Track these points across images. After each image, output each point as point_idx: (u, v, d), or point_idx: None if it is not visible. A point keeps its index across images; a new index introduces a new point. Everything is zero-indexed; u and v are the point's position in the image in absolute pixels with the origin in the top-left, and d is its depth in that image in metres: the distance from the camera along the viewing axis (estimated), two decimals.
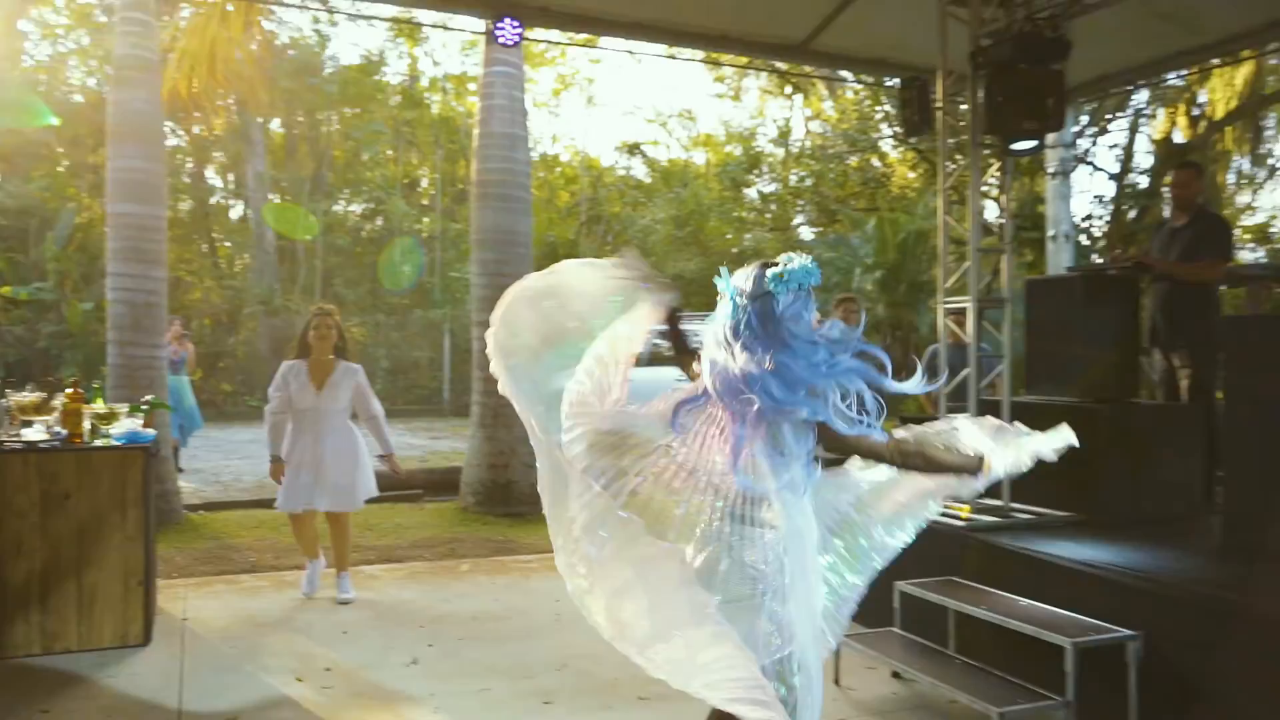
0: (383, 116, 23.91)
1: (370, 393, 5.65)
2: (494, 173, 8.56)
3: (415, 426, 17.19)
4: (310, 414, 5.46)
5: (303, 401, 5.46)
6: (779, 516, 2.36)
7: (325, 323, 5.56)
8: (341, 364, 5.57)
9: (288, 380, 5.49)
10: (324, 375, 5.50)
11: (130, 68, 7.73)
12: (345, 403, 5.54)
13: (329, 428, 5.48)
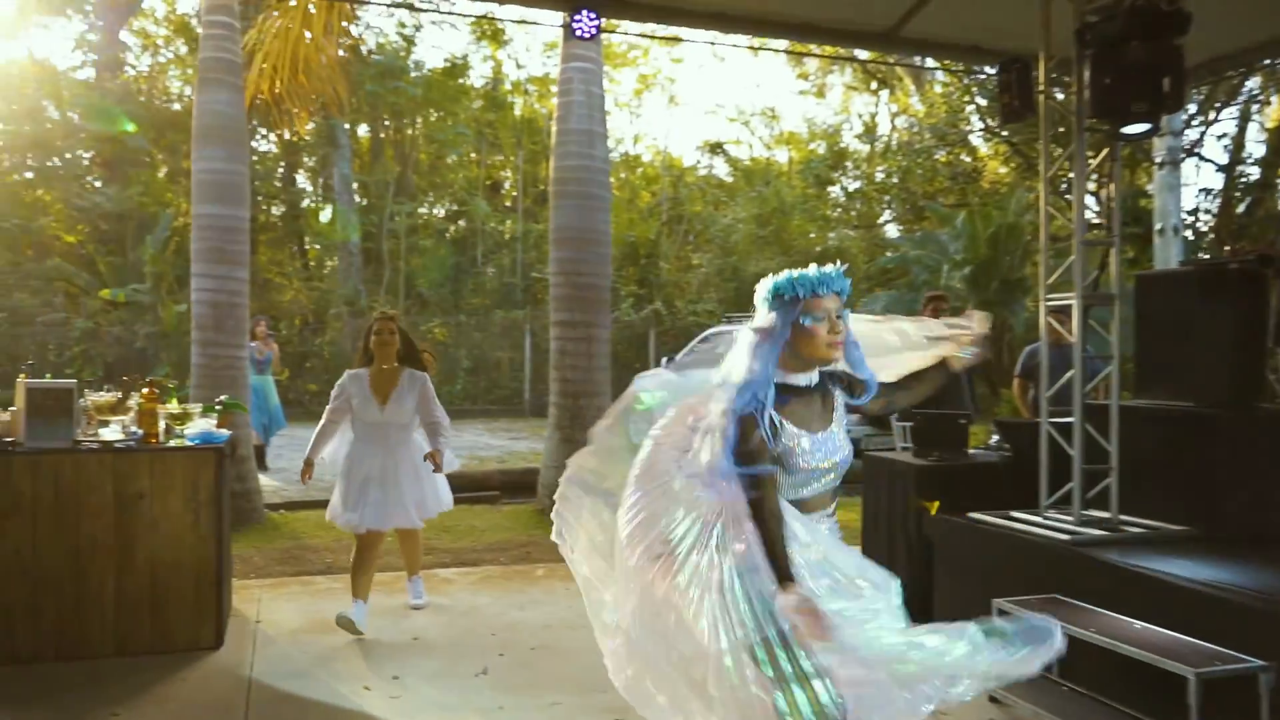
0: (466, 119, 24.11)
1: (435, 401, 5.18)
2: (572, 170, 8.42)
3: (495, 427, 17.21)
4: (376, 429, 5.09)
5: (367, 415, 5.08)
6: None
7: (387, 328, 5.15)
8: (406, 373, 5.15)
9: (348, 391, 5.10)
10: (388, 387, 5.10)
11: (214, 70, 7.80)
12: (410, 415, 5.15)
13: (397, 441, 5.12)
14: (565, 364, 8.43)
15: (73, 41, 23.29)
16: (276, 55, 8.85)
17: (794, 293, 2.43)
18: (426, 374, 5.23)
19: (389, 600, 5.63)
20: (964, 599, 4.65)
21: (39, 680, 4.27)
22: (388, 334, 5.13)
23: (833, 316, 2.43)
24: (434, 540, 7.39)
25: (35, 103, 20.70)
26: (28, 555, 4.43)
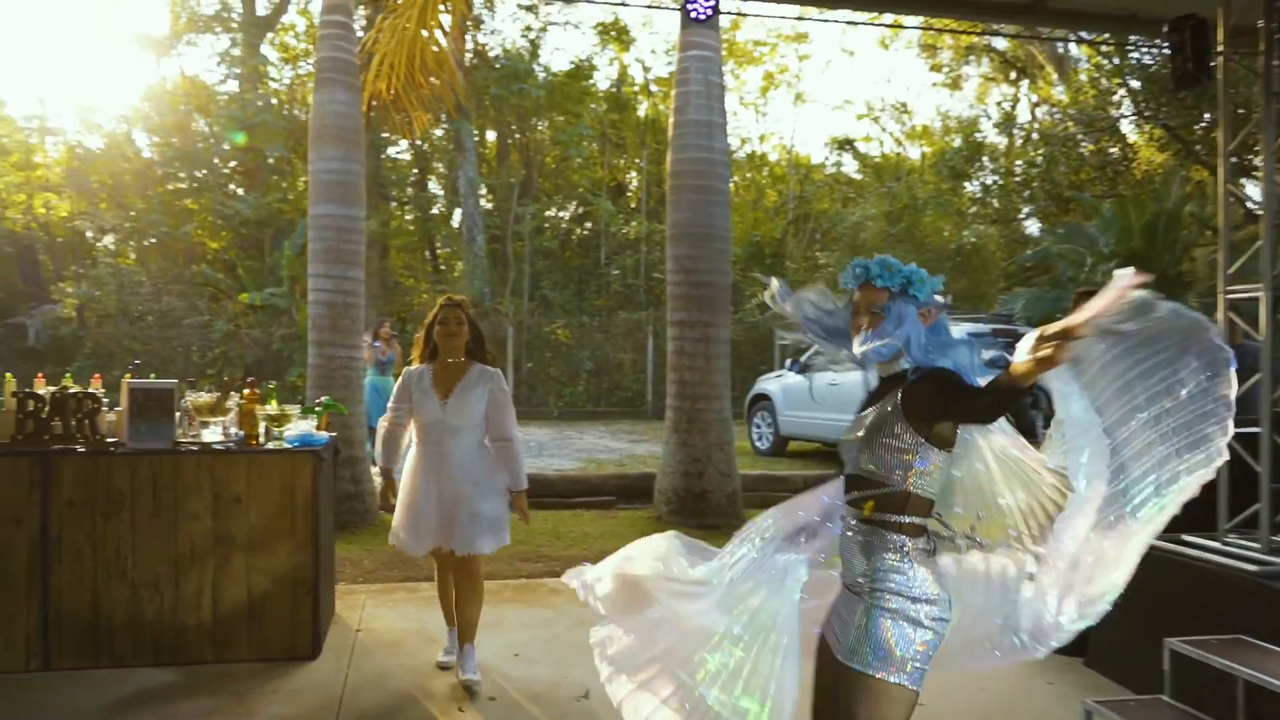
0: (590, 121, 24.08)
1: (508, 408, 4.35)
2: (690, 162, 8.06)
3: (616, 429, 17.01)
4: (434, 430, 4.26)
5: (425, 413, 4.28)
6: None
7: (453, 316, 4.35)
8: (475, 368, 4.34)
9: (409, 388, 4.36)
10: (452, 381, 4.30)
11: (330, 70, 7.77)
12: (478, 416, 4.28)
13: (456, 446, 4.24)
14: (683, 365, 8.07)
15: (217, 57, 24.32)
16: (393, 54, 8.78)
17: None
18: (499, 370, 4.45)
19: (493, 611, 5.36)
20: (1126, 637, 4.07)
21: (138, 684, 4.19)
22: (455, 324, 4.36)
23: (861, 308, 2.40)
24: (544, 547, 7.16)
25: (185, 117, 21.70)
26: (127, 557, 4.36)
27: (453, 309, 4.38)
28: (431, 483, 4.24)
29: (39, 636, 4.29)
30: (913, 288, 2.34)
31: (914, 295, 2.34)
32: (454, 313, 4.37)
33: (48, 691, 4.12)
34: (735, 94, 28.26)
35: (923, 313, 2.34)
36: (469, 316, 4.42)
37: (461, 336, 4.35)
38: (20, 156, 18.56)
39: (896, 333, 2.32)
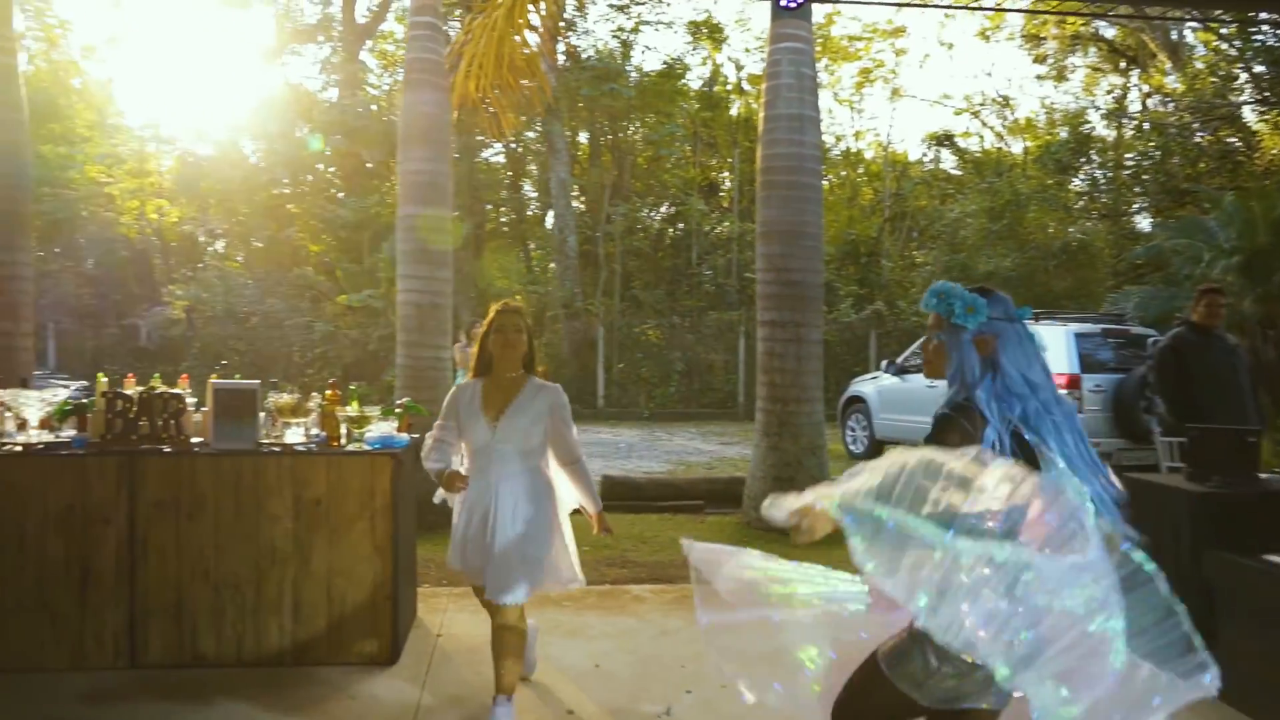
0: (682, 120, 23.94)
1: (570, 426, 3.82)
2: (780, 158, 7.83)
3: (707, 431, 16.82)
4: (482, 456, 3.71)
5: (473, 437, 3.72)
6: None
7: (511, 324, 3.78)
8: (531, 383, 3.79)
9: (457, 406, 3.80)
10: (504, 399, 3.74)
11: (419, 70, 7.79)
12: (534, 440, 3.73)
13: (504, 474, 3.68)
14: (773, 366, 7.84)
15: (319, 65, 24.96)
16: (482, 55, 8.78)
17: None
18: (558, 386, 3.88)
19: (574, 619, 5.27)
20: (1260, 662, 3.71)
21: (220, 684, 4.19)
22: (513, 331, 3.77)
23: (928, 331, 2.44)
24: (630, 553, 7.02)
25: (288, 124, 22.34)
26: (210, 557, 4.37)
27: (511, 315, 3.82)
28: (475, 515, 3.71)
29: (126, 634, 4.34)
30: (954, 317, 2.32)
31: (959, 324, 2.32)
32: (513, 319, 3.80)
33: (134, 688, 4.16)
34: (829, 91, 27.79)
35: (979, 340, 2.31)
36: (527, 325, 3.86)
37: (520, 347, 3.79)
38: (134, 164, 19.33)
39: (951, 364, 2.34)
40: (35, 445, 4.40)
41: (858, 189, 27.53)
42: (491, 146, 24.43)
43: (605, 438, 15.59)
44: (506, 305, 3.88)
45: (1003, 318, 2.33)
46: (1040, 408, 2.23)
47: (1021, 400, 2.24)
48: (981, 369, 2.30)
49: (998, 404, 2.24)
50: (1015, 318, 2.35)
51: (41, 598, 4.28)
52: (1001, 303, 2.36)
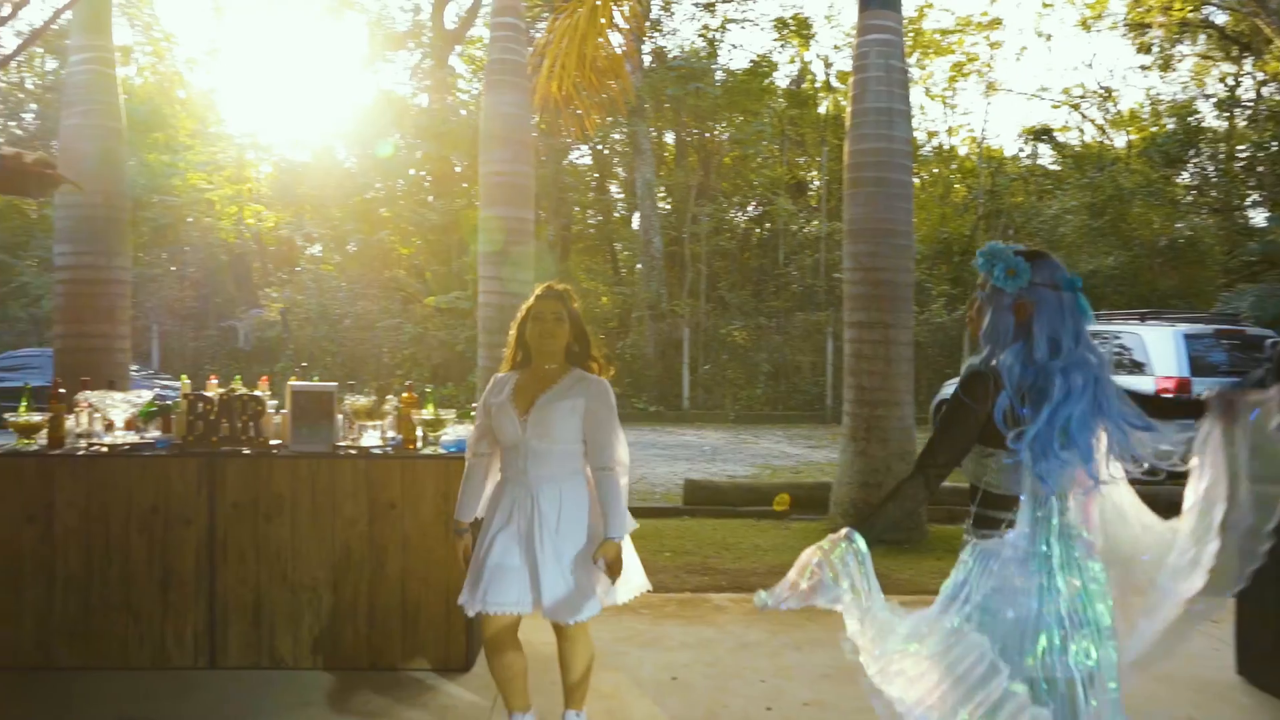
0: (769, 118, 23.66)
1: (612, 426, 3.32)
2: (868, 154, 7.57)
3: (794, 434, 16.52)
4: (515, 456, 3.29)
5: (504, 433, 3.30)
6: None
7: (550, 310, 3.33)
8: (572, 374, 3.35)
9: (488, 399, 3.40)
10: (536, 391, 3.31)
11: (500, 72, 7.78)
12: (570, 436, 3.27)
13: (544, 476, 3.24)
14: (860, 369, 7.59)
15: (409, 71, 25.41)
16: (564, 55, 8.72)
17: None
18: (603, 379, 3.39)
19: (652, 628, 5.14)
20: None
21: (297, 686, 4.18)
22: (552, 319, 3.32)
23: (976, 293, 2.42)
24: (712, 559, 6.86)
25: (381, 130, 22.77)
26: (287, 559, 4.37)
27: (551, 299, 3.36)
28: (505, 521, 3.26)
29: (206, 634, 4.37)
30: (995, 279, 2.30)
31: (999, 286, 2.29)
32: (551, 305, 3.33)
33: (213, 689, 4.17)
34: (921, 86, 27.11)
35: (1018, 305, 2.28)
36: (571, 310, 3.37)
37: (560, 336, 3.32)
38: (233, 171, 19.95)
39: (987, 327, 2.33)
40: (121, 446, 4.46)
41: (950, 186, 26.81)
42: (578, 149, 24.54)
43: (690, 440, 15.45)
44: (548, 289, 3.41)
45: (1046, 284, 2.28)
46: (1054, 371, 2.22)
47: (1037, 373, 2.22)
48: (1014, 334, 2.28)
49: (1019, 370, 2.23)
50: (1060, 285, 2.28)
51: (125, 597, 4.33)
52: (1048, 268, 2.30)
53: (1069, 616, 2.20)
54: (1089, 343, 2.28)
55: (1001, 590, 2.23)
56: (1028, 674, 2.17)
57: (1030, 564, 2.23)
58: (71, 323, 7.46)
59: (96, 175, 7.36)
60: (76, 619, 4.33)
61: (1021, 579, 2.22)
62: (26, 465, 4.33)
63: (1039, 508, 2.24)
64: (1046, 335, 2.24)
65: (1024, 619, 2.20)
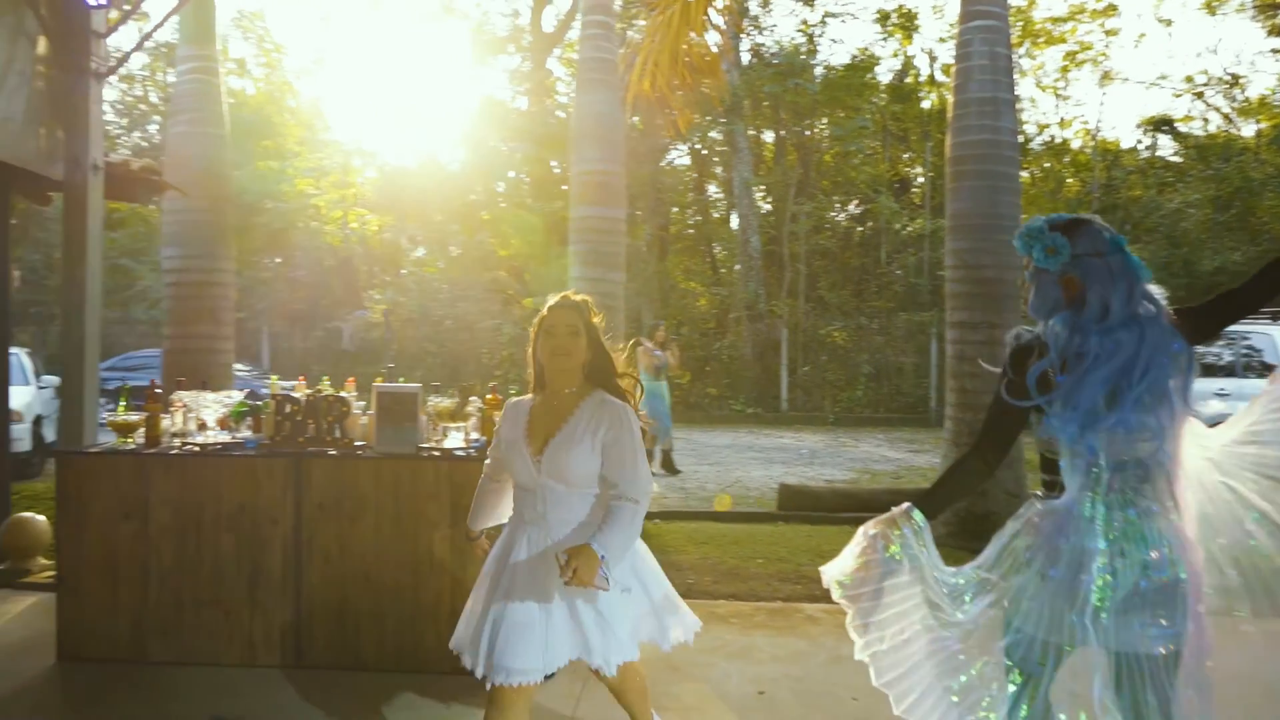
0: (870, 114, 23.14)
1: (638, 459, 2.78)
2: (972, 145, 7.25)
3: (895, 437, 16.06)
4: (529, 499, 2.85)
5: (516, 471, 2.87)
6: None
7: (564, 323, 2.84)
8: (590, 400, 2.85)
9: (498, 435, 3.00)
10: (552, 423, 2.84)
11: (591, 70, 7.73)
12: (590, 474, 2.79)
13: (565, 521, 2.80)
14: (963, 370, 7.27)
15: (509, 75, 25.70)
16: (657, 52, 8.61)
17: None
18: (628, 405, 2.88)
19: (741, 638, 4.98)
20: None
21: (379, 688, 4.16)
22: (566, 334, 2.83)
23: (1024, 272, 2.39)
24: (805, 567, 6.65)
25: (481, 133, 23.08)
26: (371, 562, 4.36)
27: (564, 311, 2.86)
28: (520, 570, 2.79)
29: (293, 634, 4.39)
30: (1036, 260, 2.29)
31: (1042, 265, 2.28)
32: (565, 317, 2.84)
33: (300, 687, 4.19)
34: (1031, 78, 26.13)
35: (1065, 280, 2.26)
36: (590, 323, 2.87)
37: (576, 354, 2.83)
38: (338, 176, 20.48)
39: (1034, 304, 2.31)
40: (212, 445, 4.52)
41: (1063, 181, 25.76)
42: (676, 149, 24.45)
43: (787, 442, 15.17)
44: (562, 299, 2.91)
45: (1090, 253, 2.24)
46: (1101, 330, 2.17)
47: (1084, 337, 2.18)
48: (1063, 305, 2.26)
49: (1065, 335, 2.21)
50: (1105, 251, 2.24)
51: (215, 594, 4.39)
52: (1090, 236, 2.26)
53: (1112, 586, 2.13)
54: (1143, 298, 2.23)
55: (1040, 548, 2.21)
56: (1072, 636, 2.15)
57: (1068, 526, 2.18)
58: (178, 324, 7.70)
59: (201, 181, 7.58)
60: (169, 615, 4.41)
61: (1061, 541, 2.19)
62: (123, 463, 4.43)
63: (1082, 471, 2.18)
64: (1099, 300, 2.21)
65: (1062, 581, 2.16)
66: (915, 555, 2.28)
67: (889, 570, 2.29)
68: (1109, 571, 2.13)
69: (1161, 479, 2.18)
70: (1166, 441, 2.16)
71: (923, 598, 2.31)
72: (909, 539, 2.28)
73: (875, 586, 2.32)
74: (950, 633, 2.31)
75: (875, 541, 2.31)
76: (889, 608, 2.36)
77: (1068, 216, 2.32)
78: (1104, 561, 2.13)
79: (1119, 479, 2.17)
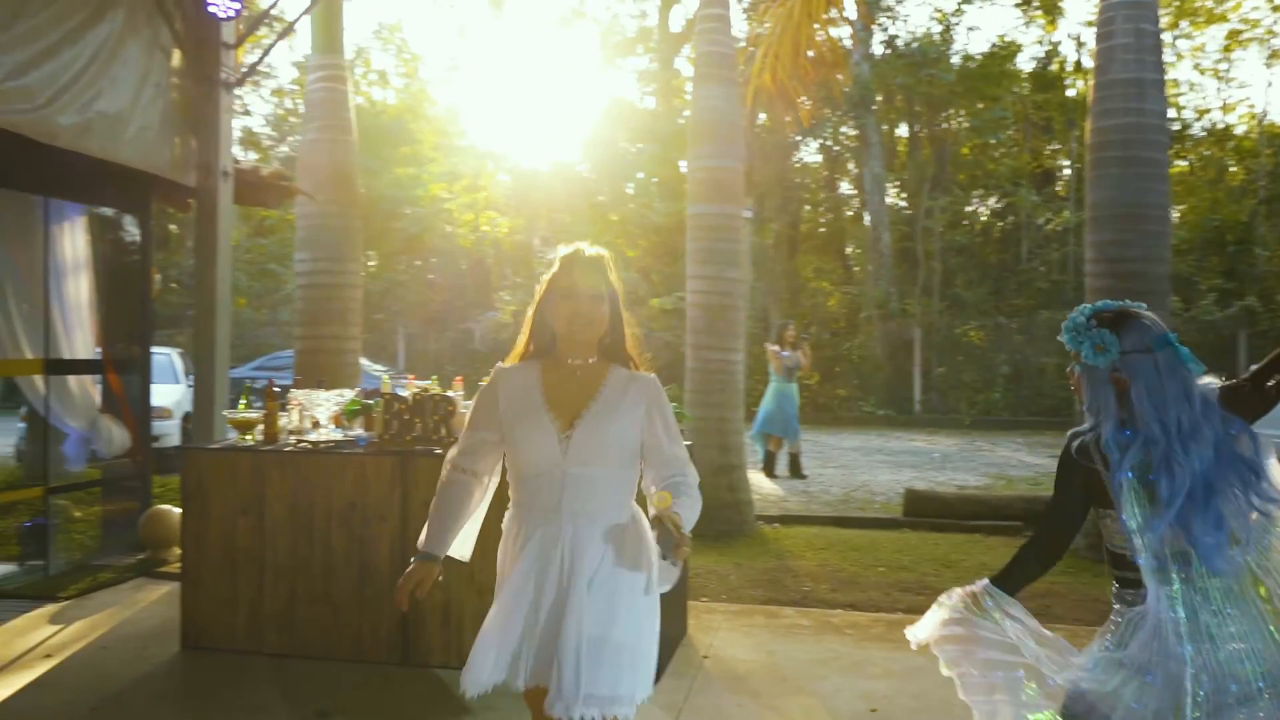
0: (1011, 103, 22.17)
1: (676, 435, 2.45)
2: (1115, 130, 6.77)
3: (1035, 442, 15.29)
4: (544, 484, 2.36)
5: (531, 453, 2.37)
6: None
7: (588, 284, 2.38)
8: (617, 373, 2.43)
9: (494, 404, 2.43)
10: (581, 397, 2.37)
11: (708, 64, 7.59)
12: (626, 460, 2.40)
13: (584, 514, 2.34)
14: None
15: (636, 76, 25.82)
16: (777, 44, 8.42)
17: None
18: (654, 376, 2.48)
19: (855, 651, 4.76)
20: None
21: None
22: (589, 298, 2.37)
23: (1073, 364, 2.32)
24: (930, 577, 6.34)
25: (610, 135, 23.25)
26: (475, 561, 4.24)
27: (586, 268, 2.39)
28: (531, 579, 2.36)
29: (399, 631, 4.43)
30: (1085, 357, 2.21)
31: (1091, 363, 2.21)
32: (589, 277, 2.38)
33: (406, 685, 4.22)
34: (1189, 60, 24.55)
35: (1114, 378, 2.19)
36: (612, 287, 2.42)
37: (599, 323, 2.39)
38: (470, 180, 20.98)
39: (1087, 400, 2.25)
40: (325, 443, 4.61)
41: (1224, 169, 24.08)
42: (807, 145, 24.03)
43: (919, 446, 14.66)
44: (580, 255, 2.42)
45: (1139, 350, 2.18)
46: (1165, 453, 2.10)
47: (1149, 445, 2.13)
48: (1115, 407, 2.20)
49: (1134, 447, 2.15)
50: (1153, 347, 2.17)
51: (326, 590, 4.47)
52: (1139, 331, 2.20)
53: (1204, 690, 2.07)
54: (1199, 400, 2.16)
55: (1133, 656, 2.17)
56: None
57: (1157, 631, 2.14)
58: (309, 324, 7.95)
59: (330, 186, 7.82)
60: (284, 608, 4.51)
61: (1154, 646, 2.14)
62: (241, 460, 4.56)
63: (1160, 573, 2.14)
64: (1151, 406, 2.14)
65: (1159, 688, 2.11)
66: (1001, 621, 2.28)
67: (973, 624, 2.31)
68: (1201, 675, 2.08)
69: (1246, 577, 2.13)
70: (1245, 540, 2.13)
71: (1017, 659, 2.29)
72: (991, 610, 2.30)
73: (963, 638, 2.34)
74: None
75: (956, 601, 2.35)
76: (980, 654, 2.34)
77: (1114, 307, 2.26)
78: (1194, 668, 2.08)
79: (1199, 580, 2.13)
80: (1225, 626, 2.10)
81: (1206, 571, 2.10)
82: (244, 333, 22.15)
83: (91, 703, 3.98)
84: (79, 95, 5.17)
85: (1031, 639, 2.25)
